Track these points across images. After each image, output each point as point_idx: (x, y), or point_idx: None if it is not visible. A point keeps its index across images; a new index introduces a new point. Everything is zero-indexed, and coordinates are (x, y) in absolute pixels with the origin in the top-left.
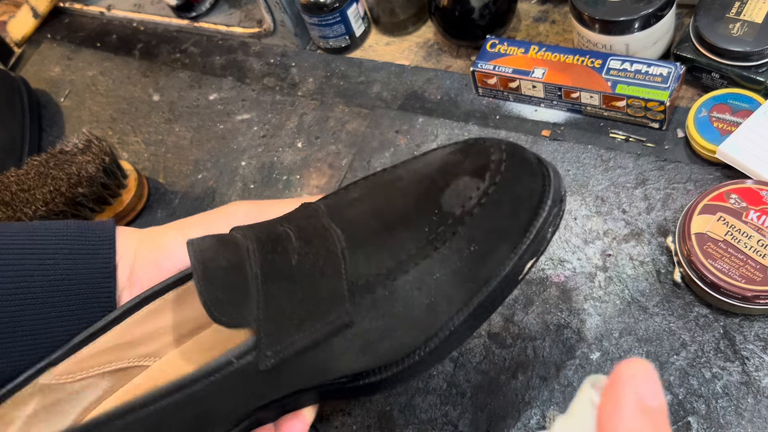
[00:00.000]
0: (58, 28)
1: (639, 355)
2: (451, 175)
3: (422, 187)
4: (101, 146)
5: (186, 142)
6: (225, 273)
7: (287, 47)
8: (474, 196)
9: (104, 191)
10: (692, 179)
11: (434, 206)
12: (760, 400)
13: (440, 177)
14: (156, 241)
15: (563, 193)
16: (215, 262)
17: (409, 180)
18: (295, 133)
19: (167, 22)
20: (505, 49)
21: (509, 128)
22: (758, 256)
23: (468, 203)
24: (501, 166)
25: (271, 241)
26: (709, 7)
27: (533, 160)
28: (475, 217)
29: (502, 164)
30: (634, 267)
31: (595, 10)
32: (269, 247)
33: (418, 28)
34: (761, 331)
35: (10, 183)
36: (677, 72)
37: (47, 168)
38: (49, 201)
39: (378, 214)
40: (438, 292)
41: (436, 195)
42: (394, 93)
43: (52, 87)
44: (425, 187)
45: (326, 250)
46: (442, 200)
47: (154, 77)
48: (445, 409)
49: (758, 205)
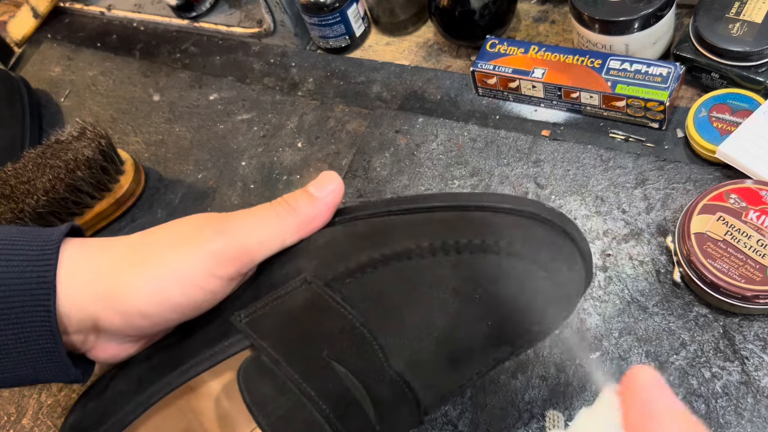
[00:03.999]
0: (58, 28)
1: (639, 355)
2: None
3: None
4: (96, 131)
5: (186, 142)
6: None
7: (287, 47)
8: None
9: (104, 176)
10: (692, 179)
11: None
12: (759, 400)
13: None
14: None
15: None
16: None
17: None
18: (295, 133)
19: (167, 22)
20: (504, 49)
21: (509, 128)
22: (758, 255)
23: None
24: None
25: (347, 407)
26: (709, 7)
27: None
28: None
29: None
30: (634, 267)
31: (594, 10)
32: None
33: (418, 28)
34: (761, 330)
35: (8, 177)
36: (677, 72)
37: (44, 158)
38: (50, 189)
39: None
40: None
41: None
42: (394, 93)
43: (53, 87)
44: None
45: (400, 404)
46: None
47: (154, 77)
48: (445, 409)
49: (758, 205)
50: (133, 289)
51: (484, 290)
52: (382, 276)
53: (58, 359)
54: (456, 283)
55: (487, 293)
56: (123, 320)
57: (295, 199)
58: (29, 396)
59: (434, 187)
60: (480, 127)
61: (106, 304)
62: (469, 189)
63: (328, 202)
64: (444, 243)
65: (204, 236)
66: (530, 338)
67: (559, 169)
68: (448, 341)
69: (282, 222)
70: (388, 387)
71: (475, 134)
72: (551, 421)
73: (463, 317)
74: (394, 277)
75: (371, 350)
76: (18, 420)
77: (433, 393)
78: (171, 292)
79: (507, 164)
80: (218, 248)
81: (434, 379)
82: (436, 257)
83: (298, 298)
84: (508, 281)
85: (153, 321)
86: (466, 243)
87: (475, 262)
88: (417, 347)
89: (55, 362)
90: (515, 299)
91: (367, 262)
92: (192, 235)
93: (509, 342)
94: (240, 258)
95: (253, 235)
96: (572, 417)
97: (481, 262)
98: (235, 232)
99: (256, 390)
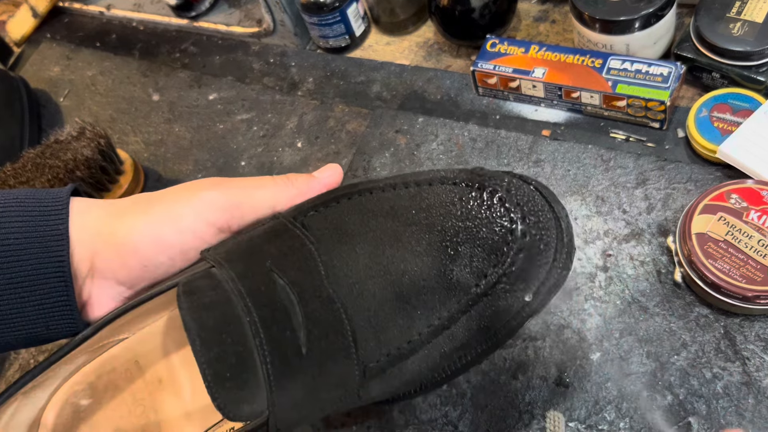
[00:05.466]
0: (57, 28)
1: (640, 355)
2: (467, 235)
3: (433, 245)
4: (95, 131)
5: (185, 141)
6: (233, 363)
7: (287, 47)
8: (491, 274)
9: (103, 175)
10: (693, 179)
11: (448, 278)
12: (760, 401)
13: (453, 234)
14: (117, 234)
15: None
16: (218, 341)
17: (417, 225)
18: (295, 132)
19: (167, 21)
20: (505, 48)
21: (509, 128)
22: (759, 256)
23: (484, 281)
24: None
25: (274, 312)
26: (710, 6)
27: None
28: (490, 297)
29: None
30: (635, 267)
31: (595, 9)
32: (275, 324)
33: (418, 28)
34: (762, 331)
35: (7, 177)
36: (677, 72)
37: (43, 158)
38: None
39: (387, 281)
40: (443, 360)
41: (449, 261)
42: (394, 93)
43: (52, 87)
44: (437, 247)
45: (335, 332)
46: (456, 271)
47: (153, 77)
48: (445, 410)
49: (759, 205)
50: (129, 225)
51: (441, 222)
52: (344, 207)
53: (70, 310)
54: (412, 213)
55: (443, 227)
56: (117, 257)
57: (295, 175)
58: None
59: None
60: (480, 127)
61: (103, 240)
62: None
63: (324, 182)
64: (405, 181)
65: (202, 186)
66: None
67: (560, 169)
68: (396, 274)
69: (277, 189)
70: (323, 305)
71: (476, 134)
72: (552, 422)
73: (415, 249)
74: (355, 209)
75: (313, 265)
76: None
77: (375, 339)
78: (164, 230)
79: (507, 164)
80: (212, 197)
81: (377, 317)
82: (397, 190)
83: (263, 228)
84: (471, 218)
85: (144, 261)
86: (430, 179)
87: (436, 193)
88: (363, 275)
89: (67, 314)
90: (474, 237)
91: (331, 198)
92: (191, 186)
93: (463, 289)
94: (231, 209)
95: (248, 193)
96: (573, 417)
97: (442, 193)
98: (232, 187)
99: (192, 283)
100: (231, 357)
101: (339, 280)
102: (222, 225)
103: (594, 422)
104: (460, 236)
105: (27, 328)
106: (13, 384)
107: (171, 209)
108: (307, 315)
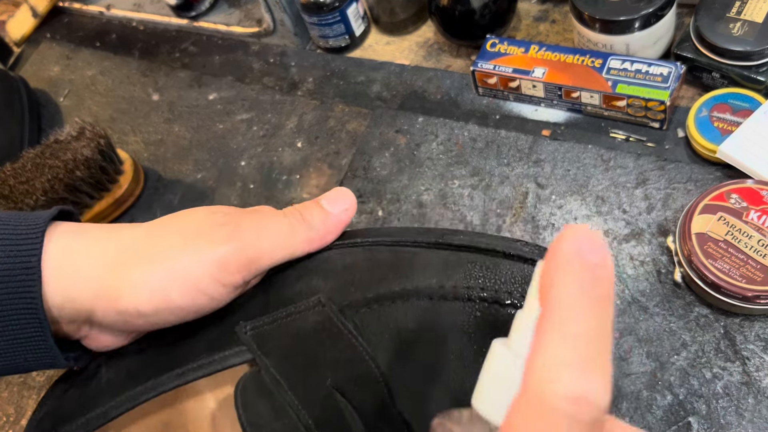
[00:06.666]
0: (57, 28)
1: (640, 355)
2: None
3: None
4: (95, 130)
5: (185, 141)
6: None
7: (287, 47)
8: None
9: (103, 176)
10: (693, 179)
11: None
12: (760, 401)
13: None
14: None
15: None
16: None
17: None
18: (295, 132)
19: (167, 21)
20: (505, 48)
21: (509, 128)
22: (759, 256)
23: None
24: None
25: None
26: (710, 6)
27: None
28: None
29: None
30: (635, 267)
31: (595, 9)
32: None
33: (418, 28)
34: (762, 331)
35: (7, 177)
36: (677, 71)
37: (43, 158)
38: (48, 190)
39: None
40: None
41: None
42: (394, 93)
43: (52, 86)
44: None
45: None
46: None
47: (153, 77)
48: None
49: (759, 204)
50: (133, 287)
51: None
52: (400, 311)
53: (47, 348)
54: (475, 333)
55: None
56: (119, 317)
57: (308, 211)
58: (28, 396)
59: (434, 187)
60: (480, 127)
61: (103, 299)
62: (469, 189)
63: (341, 219)
64: (469, 289)
65: (214, 238)
66: None
67: (560, 168)
68: (459, 392)
69: (294, 233)
70: (391, 429)
71: (476, 134)
72: None
73: (477, 368)
74: (413, 315)
75: (377, 387)
76: (17, 420)
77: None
78: (172, 294)
79: (507, 164)
80: (226, 254)
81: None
82: (459, 302)
83: (309, 319)
84: None
85: (150, 321)
86: (493, 295)
87: (497, 316)
88: (426, 393)
89: (44, 351)
90: None
91: (386, 294)
92: (201, 236)
93: None
94: (248, 266)
95: (264, 243)
96: None
97: (503, 317)
98: (246, 238)
99: (253, 408)
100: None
101: (402, 399)
102: (238, 283)
103: None
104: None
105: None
106: None
107: (180, 269)
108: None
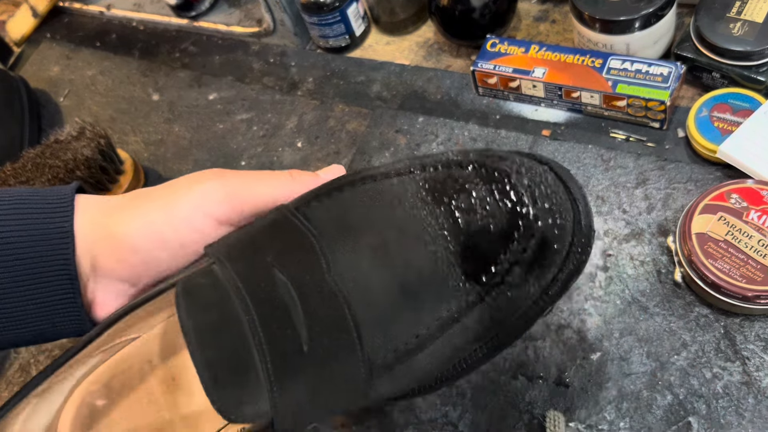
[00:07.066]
0: (57, 28)
1: (640, 355)
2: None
3: (440, 234)
4: (95, 130)
5: (185, 141)
6: (231, 364)
7: (287, 46)
8: (501, 262)
9: (103, 175)
10: (693, 179)
11: (456, 269)
12: (760, 401)
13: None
14: (115, 232)
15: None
16: (216, 341)
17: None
18: (295, 132)
19: (167, 21)
20: (505, 48)
21: (509, 128)
22: (759, 255)
23: (494, 269)
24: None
25: (273, 310)
26: (710, 6)
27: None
28: (503, 287)
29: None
30: (635, 267)
31: (595, 9)
32: (274, 322)
33: (418, 28)
34: (762, 331)
35: (7, 177)
36: (678, 71)
37: (43, 158)
38: None
39: (392, 273)
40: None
41: (457, 251)
42: (394, 92)
43: (52, 86)
44: (444, 235)
45: (338, 329)
46: (464, 261)
47: (153, 77)
48: (446, 410)
49: (759, 204)
50: (126, 224)
51: (447, 210)
52: (347, 197)
53: (75, 310)
54: (418, 201)
55: (450, 214)
56: (117, 255)
57: (298, 172)
58: None
59: None
60: (480, 127)
61: (102, 238)
62: None
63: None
64: (411, 165)
65: (201, 177)
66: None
67: None
68: (401, 266)
69: (278, 183)
70: (325, 301)
71: (476, 134)
72: (552, 422)
73: (422, 238)
74: (358, 198)
75: (314, 259)
76: None
77: (381, 334)
78: (161, 226)
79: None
80: (211, 188)
81: (383, 312)
82: (402, 176)
83: (264, 221)
84: (479, 204)
85: (144, 257)
86: (436, 162)
87: (442, 178)
88: (367, 268)
89: (73, 314)
90: (483, 224)
91: (334, 187)
92: (190, 178)
93: (472, 280)
94: (230, 201)
95: (248, 185)
96: (573, 417)
97: (449, 178)
98: (232, 178)
99: (191, 281)
100: (229, 358)
101: (342, 274)
102: (221, 217)
103: (594, 422)
104: (469, 224)
105: (32, 326)
106: (25, 386)
107: (167, 202)
108: (308, 312)
